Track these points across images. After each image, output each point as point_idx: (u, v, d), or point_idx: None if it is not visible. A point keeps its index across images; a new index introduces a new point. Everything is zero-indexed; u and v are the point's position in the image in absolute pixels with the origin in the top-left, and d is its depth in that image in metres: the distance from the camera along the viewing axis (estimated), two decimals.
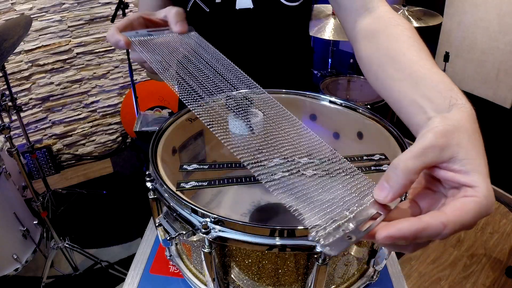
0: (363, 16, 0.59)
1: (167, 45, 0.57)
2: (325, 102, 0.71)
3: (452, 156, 0.33)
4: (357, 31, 0.59)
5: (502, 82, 1.94)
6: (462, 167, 0.32)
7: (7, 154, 1.36)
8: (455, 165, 0.33)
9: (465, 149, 0.33)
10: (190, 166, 0.59)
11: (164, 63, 0.53)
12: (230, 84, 0.51)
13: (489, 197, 0.31)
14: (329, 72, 2.18)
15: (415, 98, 0.42)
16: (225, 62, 0.55)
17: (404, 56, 0.47)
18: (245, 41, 0.81)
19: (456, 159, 0.33)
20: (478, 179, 0.32)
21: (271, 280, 0.48)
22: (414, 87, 0.43)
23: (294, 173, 0.39)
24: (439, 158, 0.33)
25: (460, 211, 0.31)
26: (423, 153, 0.33)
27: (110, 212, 2.07)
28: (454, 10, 2.03)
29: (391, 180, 0.33)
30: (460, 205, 0.31)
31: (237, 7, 0.75)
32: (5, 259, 1.34)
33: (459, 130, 0.34)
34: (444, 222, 0.30)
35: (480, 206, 0.31)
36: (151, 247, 0.70)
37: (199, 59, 0.55)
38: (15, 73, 2.13)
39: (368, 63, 0.54)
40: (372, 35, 0.55)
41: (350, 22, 0.61)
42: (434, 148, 0.33)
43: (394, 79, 0.47)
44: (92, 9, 2.23)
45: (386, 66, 0.49)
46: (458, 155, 0.33)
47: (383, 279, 0.63)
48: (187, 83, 0.50)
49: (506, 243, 1.86)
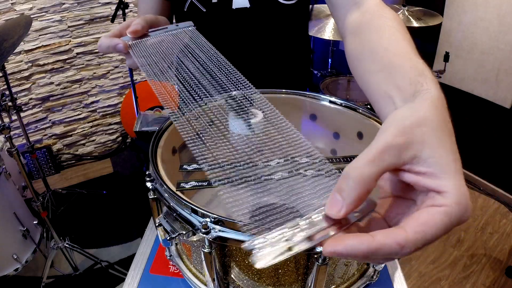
0: (351, 12, 0.58)
1: (162, 45, 0.56)
2: (325, 102, 0.71)
3: (414, 156, 0.28)
4: (346, 27, 0.58)
5: (502, 82, 1.94)
6: (428, 168, 0.28)
7: (7, 154, 1.36)
8: (419, 166, 0.28)
9: (430, 146, 0.28)
10: (190, 166, 0.59)
11: (156, 66, 0.53)
12: (221, 87, 0.51)
13: (462, 203, 0.27)
14: (329, 72, 2.18)
15: (386, 89, 0.38)
16: (219, 60, 0.54)
17: (382, 47, 0.44)
18: (242, 41, 0.81)
19: (419, 159, 0.28)
20: (447, 182, 0.27)
21: (271, 280, 0.48)
22: (387, 78, 0.39)
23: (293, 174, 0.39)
24: (399, 159, 0.28)
25: (423, 227, 0.26)
26: (379, 156, 0.28)
27: (110, 212, 2.07)
28: (454, 10, 2.03)
29: (343, 192, 0.28)
30: (423, 219, 0.27)
31: (233, 7, 0.75)
32: (5, 259, 1.34)
33: (422, 123, 0.29)
34: (400, 242, 0.26)
35: (449, 216, 0.26)
36: (151, 247, 0.70)
37: (192, 60, 0.54)
38: (15, 73, 2.13)
39: (351, 58, 0.52)
40: (357, 30, 0.54)
41: (341, 19, 0.61)
42: (392, 149, 0.28)
43: (371, 72, 0.44)
44: (92, 9, 2.23)
45: (364, 60, 0.47)
46: (421, 154, 0.28)
47: (383, 279, 0.63)
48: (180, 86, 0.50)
49: (506, 243, 1.86)
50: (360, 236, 0.27)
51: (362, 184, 0.27)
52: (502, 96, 1.97)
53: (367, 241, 0.26)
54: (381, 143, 0.29)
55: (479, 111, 2.10)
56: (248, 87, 0.51)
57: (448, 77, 2.11)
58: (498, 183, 2.13)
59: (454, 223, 0.27)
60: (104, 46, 0.55)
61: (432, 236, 0.26)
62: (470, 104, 2.11)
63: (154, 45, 0.56)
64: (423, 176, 0.28)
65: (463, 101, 2.13)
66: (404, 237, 0.26)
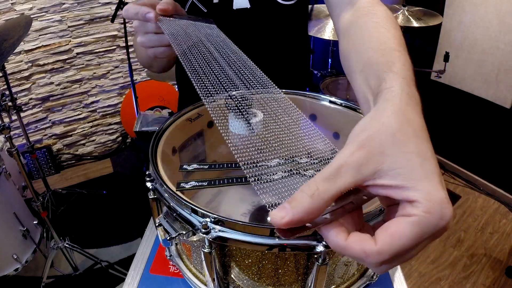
0: (345, 11, 0.57)
1: (187, 30, 0.56)
2: (325, 102, 0.71)
3: (375, 170, 0.26)
4: (339, 26, 0.58)
5: (502, 82, 1.94)
6: (392, 181, 0.26)
7: (7, 154, 1.36)
8: (382, 180, 0.26)
9: (390, 156, 0.26)
10: (190, 166, 0.59)
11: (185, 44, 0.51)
12: (247, 81, 0.49)
13: (433, 211, 0.25)
14: (329, 72, 2.18)
15: (364, 91, 0.37)
16: (244, 59, 0.54)
17: (364, 46, 0.43)
18: (243, 41, 0.81)
19: (381, 172, 0.26)
20: (414, 192, 0.25)
21: (271, 280, 0.48)
22: (365, 78, 0.38)
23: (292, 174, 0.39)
24: (360, 175, 0.26)
25: (390, 238, 0.25)
26: (336, 174, 0.27)
27: (110, 212, 2.07)
28: (454, 10, 2.03)
29: (294, 202, 0.27)
30: (391, 230, 0.26)
31: (234, 7, 0.75)
32: (5, 259, 1.34)
33: (380, 131, 0.27)
34: (366, 251, 0.25)
35: (419, 226, 0.25)
36: (151, 247, 0.70)
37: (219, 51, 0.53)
38: (15, 73, 2.13)
39: (342, 58, 0.51)
40: (348, 29, 0.53)
41: (336, 19, 0.60)
42: (349, 167, 0.27)
43: (355, 72, 0.42)
44: (92, 9, 2.23)
45: (350, 60, 0.46)
46: (382, 166, 0.26)
47: (383, 279, 0.63)
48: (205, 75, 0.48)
49: (506, 243, 1.86)
50: (340, 231, 0.27)
51: (315, 200, 0.26)
52: (502, 96, 1.97)
53: (341, 238, 0.27)
54: (337, 161, 0.27)
55: (479, 111, 2.10)
56: (272, 86, 0.48)
57: (448, 77, 2.11)
58: (498, 183, 2.13)
59: (427, 232, 0.25)
60: (132, 12, 0.53)
61: (400, 246, 0.25)
62: (470, 104, 2.11)
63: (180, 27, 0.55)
64: (389, 189, 0.26)
65: (463, 101, 2.13)
66: (370, 247, 0.25)
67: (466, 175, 2.27)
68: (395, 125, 0.27)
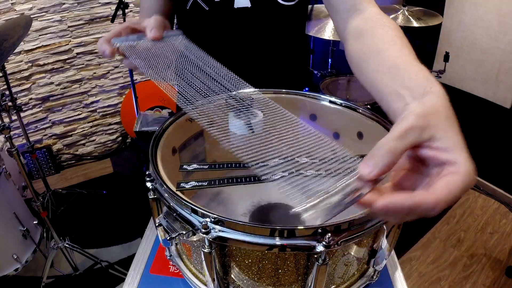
0: (353, 17, 0.62)
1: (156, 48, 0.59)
2: (325, 102, 0.71)
3: (431, 136, 0.35)
4: (348, 31, 0.62)
5: (502, 82, 1.94)
6: (442, 145, 0.35)
7: (7, 154, 1.36)
8: (435, 143, 0.35)
9: (443, 129, 0.36)
10: (190, 166, 0.59)
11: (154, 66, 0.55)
12: (222, 85, 0.53)
13: (471, 171, 0.34)
14: (329, 72, 2.18)
15: (395, 88, 0.45)
16: (215, 64, 0.57)
17: (387, 51, 0.51)
18: (243, 39, 0.82)
19: (435, 138, 0.35)
20: (458, 156, 0.34)
21: (271, 280, 0.48)
22: (394, 79, 0.46)
23: (294, 173, 0.39)
24: (420, 138, 0.35)
25: (447, 189, 0.33)
26: (405, 134, 0.35)
27: (110, 212, 2.07)
28: (454, 10, 2.03)
29: (375, 158, 0.34)
30: (445, 183, 0.33)
31: (235, 6, 0.76)
32: (5, 259, 1.34)
33: (435, 113, 0.37)
34: (435, 200, 0.32)
35: (463, 181, 0.33)
36: (151, 247, 0.70)
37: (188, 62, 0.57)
38: (15, 73, 2.13)
39: (355, 58, 0.58)
40: (360, 34, 0.59)
41: (342, 23, 0.65)
42: (415, 129, 0.35)
43: (377, 72, 0.50)
44: (92, 9, 2.23)
45: (370, 61, 0.53)
46: (436, 134, 0.35)
47: (383, 279, 0.63)
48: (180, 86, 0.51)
49: (506, 243, 1.86)
50: (404, 193, 0.33)
51: (390, 155, 0.34)
52: (502, 96, 1.97)
53: (411, 198, 0.32)
54: (405, 124, 0.36)
55: (479, 111, 2.10)
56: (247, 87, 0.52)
57: (448, 77, 2.11)
58: (498, 183, 2.13)
59: (467, 187, 0.33)
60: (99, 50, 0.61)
61: (454, 196, 0.33)
62: (470, 104, 2.11)
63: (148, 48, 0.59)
64: (439, 151, 0.35)
65: (463, 101, 2.13)
66: (436, 196, 0.32)
67: None
68: (445, 113, 0.38)
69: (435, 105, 0.38)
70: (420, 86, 0.42)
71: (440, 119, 0.37)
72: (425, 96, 0.40)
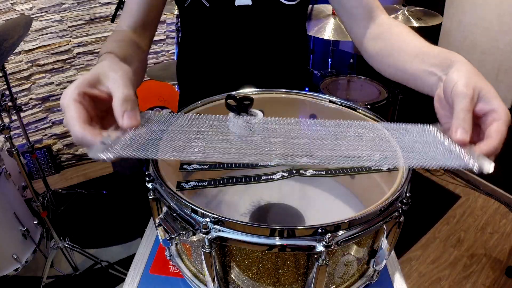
0: (367, 24, 0.71)
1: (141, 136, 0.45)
2: (325, 102, 0.71)
3: (479, 96, 0.45)
4: (364, 36, 0.71)
5: (502, 82, 1.94)
6: (486, 99, 0.45)
7: (7, 154, 1.36)
8: (483, 101, 0.45)
9: (483, 89, 0.45)
10: (190, 166, 0.59)
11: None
12: None
13: (507, 113, 0.44)
14: (329, 72, 2.18)
15: (425, 68, 0.54)
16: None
17: (408, 44, 0.62)
18: (243, 38, 0.82)
19: (481, 97, 0.45)
20: (497, 104, 0.44)
21: (271, 280, 0.48)
22: (422, 61, 0.56)
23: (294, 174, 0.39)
24: (475, 100, 0.45)
25: (499, 133, 0.43)
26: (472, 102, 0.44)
27: (110, 212, 2.07)
28: (454, 10, 2.03)
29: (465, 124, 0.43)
30: (495, 129, 0.43)
31: (236, 4, 0.76)
32: (5, 259, 1.35)
33: (471, 75, 0.46)
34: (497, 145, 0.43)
35: (505, 123, 0.43)
36: (151, 247, 0.70)
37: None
38: (15, 73, 2.13)
39: (379, 56, 0.67)
40: (378, 35, 0.69)
41: (355, 28, 0.73)
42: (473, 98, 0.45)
43: (405, 61, 0.60)
44: (92, 9, 2.23)
45: (395, 54, 0.63)
46: (482, 93, 0.45)
47: (383, 279, 0.63)
48: None
49: (506, 243, 1.86)
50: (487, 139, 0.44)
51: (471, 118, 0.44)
52: (502, 96, 1.93)
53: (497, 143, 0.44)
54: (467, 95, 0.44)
55: None
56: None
57: None
58: (498, 183, 2.13)
59: (507, 127, 0.44)
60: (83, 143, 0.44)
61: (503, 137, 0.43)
62: None
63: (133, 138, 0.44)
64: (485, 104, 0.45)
65: None
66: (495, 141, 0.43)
67: (466, 175, 2.27)
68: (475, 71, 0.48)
69: (467, 69, 0.47)
70: (446, 59, 0.51)
71: (478, 80, 0.45)
72: (452, 66, 0.49)
